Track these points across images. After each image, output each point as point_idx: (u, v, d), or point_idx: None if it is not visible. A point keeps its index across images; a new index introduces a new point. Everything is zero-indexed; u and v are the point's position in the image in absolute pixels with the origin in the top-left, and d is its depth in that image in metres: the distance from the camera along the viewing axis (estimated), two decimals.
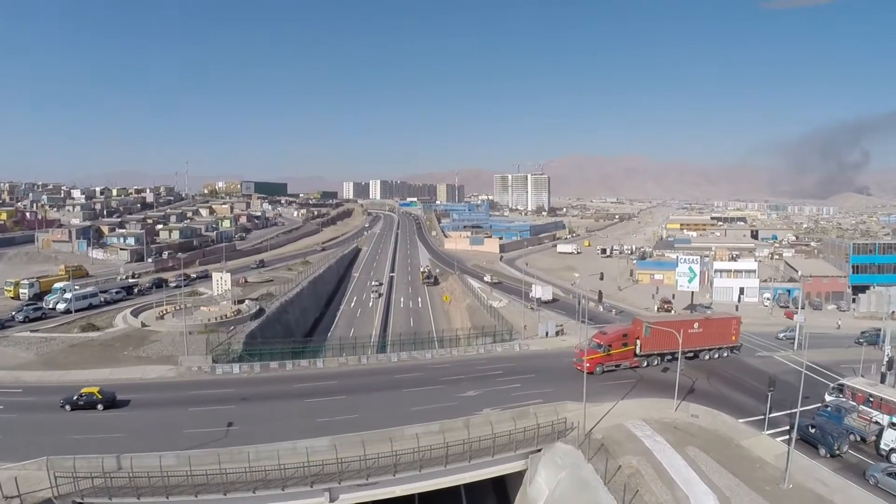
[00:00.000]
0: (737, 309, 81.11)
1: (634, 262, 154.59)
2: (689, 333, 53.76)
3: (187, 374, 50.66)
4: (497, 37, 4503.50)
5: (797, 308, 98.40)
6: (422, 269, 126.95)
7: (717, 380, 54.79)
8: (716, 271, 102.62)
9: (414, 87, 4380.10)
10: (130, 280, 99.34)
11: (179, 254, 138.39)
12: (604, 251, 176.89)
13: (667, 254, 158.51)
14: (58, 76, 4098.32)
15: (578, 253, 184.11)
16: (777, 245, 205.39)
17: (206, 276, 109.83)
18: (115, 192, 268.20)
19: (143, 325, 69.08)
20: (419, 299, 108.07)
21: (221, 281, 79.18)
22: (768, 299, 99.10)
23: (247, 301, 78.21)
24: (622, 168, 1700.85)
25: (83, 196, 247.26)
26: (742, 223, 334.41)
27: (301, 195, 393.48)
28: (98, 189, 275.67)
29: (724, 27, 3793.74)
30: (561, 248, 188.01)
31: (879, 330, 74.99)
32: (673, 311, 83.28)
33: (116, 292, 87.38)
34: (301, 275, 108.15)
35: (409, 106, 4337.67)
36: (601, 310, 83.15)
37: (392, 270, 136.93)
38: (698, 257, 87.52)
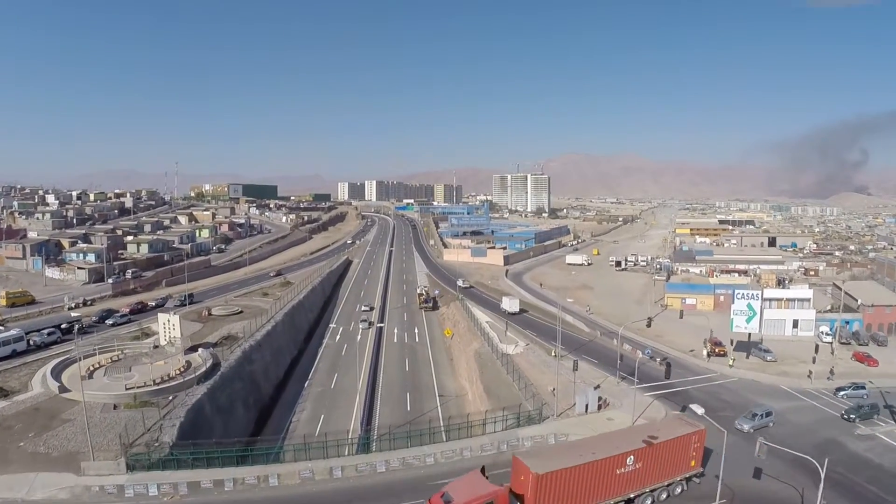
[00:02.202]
0: (814, 361, 65.49)
1: (656, 278, 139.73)
2: (618, 476, 34.57)
3: (85, 496, 35.30)
4: (493, 38, 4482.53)
5: (859, 342, 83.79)
6: (419, 291, 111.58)
7: (830, 486, 39.75)
8: (764, 300, 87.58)
9: (412, 87, 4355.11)
10: (73, 314, 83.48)
11: (144, 273, 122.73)
12: (618, 264, 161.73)
13: (691, 269, 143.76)
14: (53, 75, 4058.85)
15: (589, 264, 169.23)
16: (801, 254, 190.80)
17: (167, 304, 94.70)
18: (92, 197, 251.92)
19: (63, 389, 53.70)
20: (416, 330, 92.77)
21: (169, 325, 63.70)
22: (826, 334, 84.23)
23: (200, 350, 62.75)
24: (619, 167, 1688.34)
25: (57, 202, 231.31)
26: (751, 227, 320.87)
27: (292, 198, 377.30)
28: (75, 193, 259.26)
29: (722, 27, 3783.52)
30: (570, 258, 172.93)
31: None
32: (731, 360, 67.93)
33: (49, 333, 71.62)
34: (278, 301, 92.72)
35: (407, 106, 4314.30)
36: (640, 356, 68.00)
37: (385, 290, 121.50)
38: (758, 292, 72.29)
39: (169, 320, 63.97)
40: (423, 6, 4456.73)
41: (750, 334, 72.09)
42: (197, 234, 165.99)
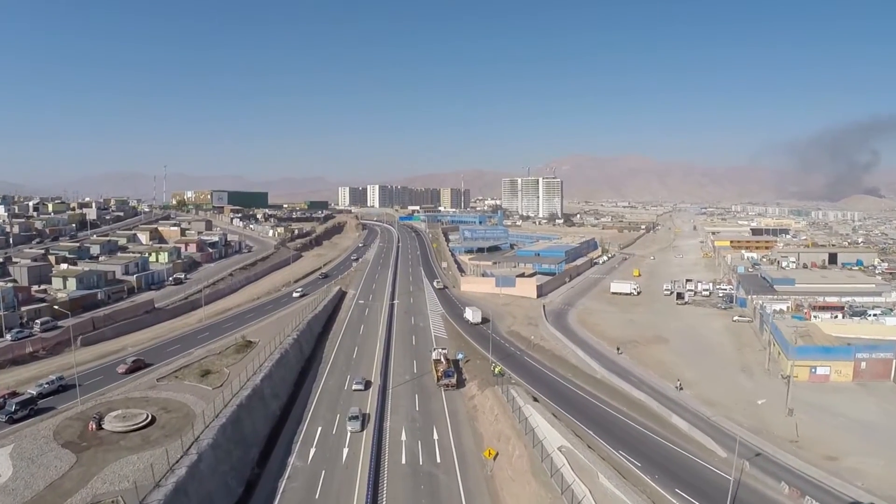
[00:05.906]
0: None
1: (738, 319, 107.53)
2: None
3: None
4: (495, 38, 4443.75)
5: None
6: (434, 356, 78.89)
7: None
8: None
9: (412, 88, 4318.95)
10: None
11: (62, 322, 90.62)
12: (679, 296, 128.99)
13: (779, 306, 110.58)
14: (52, 74, 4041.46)
15: (638, 293, 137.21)
16: (877, 275, 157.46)
17: (59, 392, 62.81)
18: (50, 207, 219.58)
19: None
20: (434, 435, 60.06)
21: None
22: None
23: None
24: (625, 168, 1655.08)
25: (7, 213, 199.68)
26: (787, 235, 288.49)
27: (285, 206, 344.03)
28: (31, 203, 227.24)
29: (724, 27, 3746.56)
30: (615, 286, 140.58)
31: None
32: None
33: None
34: (222, 391, 60.58)
35: (410, 107, 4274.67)
36: None
37: (387, 349, 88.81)
38: None
39: None
40: (427, 7, 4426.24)
41: None
42: (153, 259, 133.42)
